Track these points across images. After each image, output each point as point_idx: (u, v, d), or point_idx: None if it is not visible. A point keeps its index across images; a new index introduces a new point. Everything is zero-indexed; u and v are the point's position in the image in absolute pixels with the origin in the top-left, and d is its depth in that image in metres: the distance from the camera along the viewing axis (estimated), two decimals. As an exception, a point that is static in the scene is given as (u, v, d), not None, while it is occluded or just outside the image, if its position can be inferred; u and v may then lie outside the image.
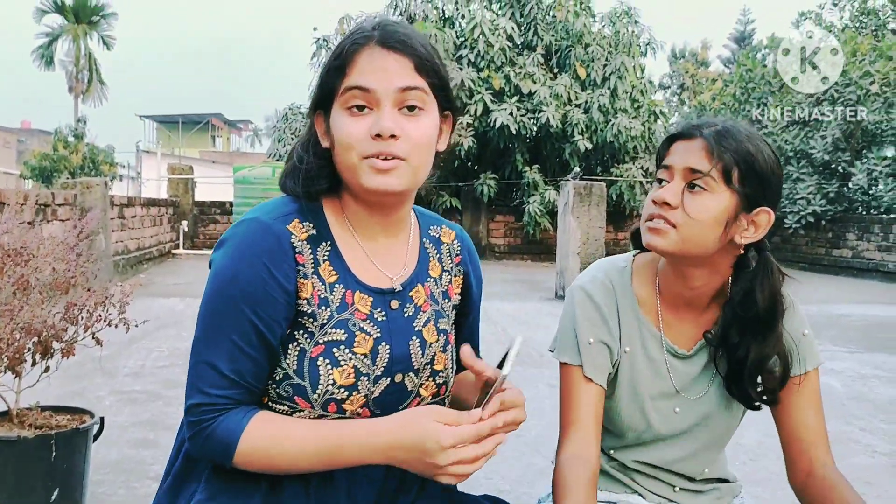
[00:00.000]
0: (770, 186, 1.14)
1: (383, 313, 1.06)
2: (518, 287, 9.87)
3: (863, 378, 4.93)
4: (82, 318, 2.22)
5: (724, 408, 1.25)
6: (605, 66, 14.42)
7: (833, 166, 14.00)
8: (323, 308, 1.01)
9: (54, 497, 2.13)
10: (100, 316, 2.24)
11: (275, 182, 8.49)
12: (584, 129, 13.99)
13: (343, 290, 1.03)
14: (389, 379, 1.05)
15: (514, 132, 13.56)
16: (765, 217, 1.14)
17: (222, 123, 44.26)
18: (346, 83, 0.99)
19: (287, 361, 1.01)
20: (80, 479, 2.23)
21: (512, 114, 13.52)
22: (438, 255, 1.15)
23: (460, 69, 13.68)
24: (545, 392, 4.09)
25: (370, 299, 1.05)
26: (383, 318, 1.05)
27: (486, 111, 13.65)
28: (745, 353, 1.18)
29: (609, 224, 12.33)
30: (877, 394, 4.54)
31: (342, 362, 1.01)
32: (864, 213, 13.66)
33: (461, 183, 14.48)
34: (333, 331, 1.01)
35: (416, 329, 1.08)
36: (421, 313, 1.10)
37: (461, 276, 1.18)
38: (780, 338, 1.19)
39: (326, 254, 1.04)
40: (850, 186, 13.65)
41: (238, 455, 0.95)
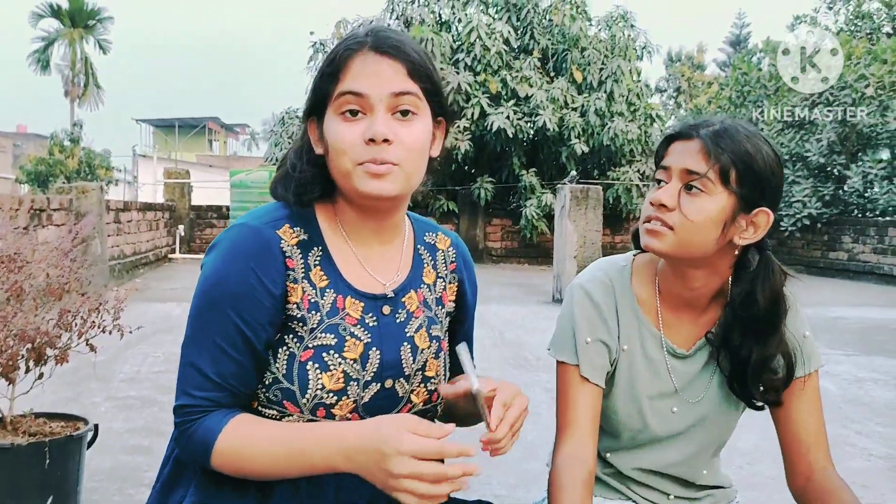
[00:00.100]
0: (769, 187, 1.12)
1: (375, 318, 1.05)
2: (515, 290, 9.87)
3: (859, 381, 4.94)
4: (76, 324, 2.21)
5: (722, 409, 1.24)
6: (602, 69, 14.45)
7: (828, 169, 14.05)
8: (313, 313, 1.01)
9: (48, 504, 2.12)
10: (94, 322, 2.23)
11: (271, 186, 8.43)
12: (581, 133, 14.01)
13: (334, 294, 1.03)
14: (379, 385, 1.04)
15: (511, 136, 13.57)
16: (764, 218, 1.13)
17: (219, 127, 44.19)
18: (339, 88, 1.00)
19: (277, 366, 1.00)
20: (74, 486, 2.22)
21: (509, 117, 13.54)
22: (433, 262, 1.15)
23: (457, 73, 13.69)
24: (541, 396, 4.08)
25: (361, 304, 1.05)
26: (374, 323, 1.05)
27: (483, 115, 13.66)
28: (747, 353, 1.17)
29: (606, 227, 12.29)
30: (873, 397, 4.55)
31: (331, 367, 1.00)
32: (859, 215, 13.70)
33: (458, 186, 14.49)
34: (323, 335, 1.01)
35: (408, 335, 1.08)
36: (413, 319, 1.09)
37: (456, 283, 1.18)
38: (783, 338, 1.17)
39: (318, 259, 1.04)
40: (846, 189, 13.69)
41: (214, 455, 0.95)
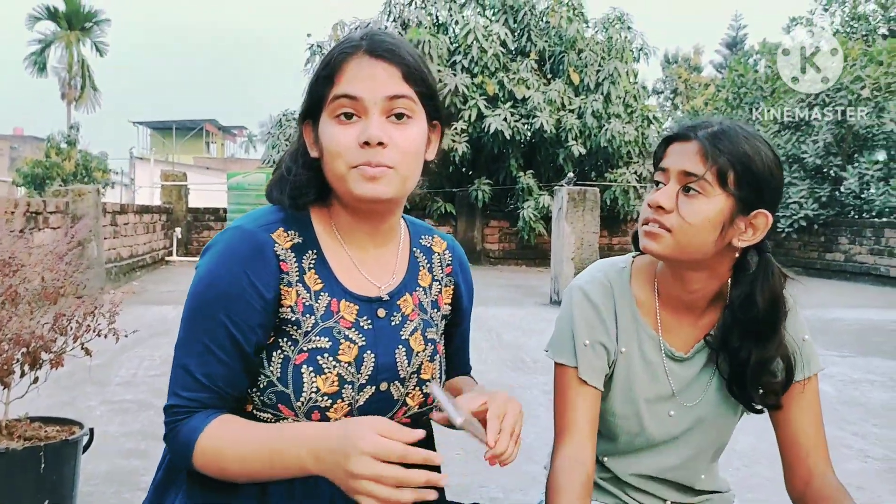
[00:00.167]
0: (768, 188, 1.11)
1: (369, 322, 1.05)
2: (513, 292, 9.87)
3: (855, 382, 4.94)
4: (72, 328, 2.20)
5: (719, 412, 1.23)
6: (599, 71, 14.47)
7: (825, 170, 14.09)
8: (307, 316, 1.01)
9: (43, 509, 2.11)
10: (89, 326, 2.22)
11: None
12: (578, 135, 14.03)
13: (328, 298, 1.03)
14: (374, 387, 1.04)
15: (509, 138, 13.59)
16: (763, 220, 1.12)
17: (216, 129, 44.11)
18: (334, 92, 1.00)
19: (271, 369, 1.00)
20: (69, 490, 2.21)
21: (506, 119, 13.55)
22: (429, 265, 1.15)
23: (454, 75, 13.70)
24: (539, 398, 4.08)
25: (356, 308, 1.04)
26: (369, 326, 1.05)
27: (481, 117, 13.67)
28: (746, 355, 1.16)
29: (603, 229, 12.35)
30: (869, 398, 4.55)
31: (326, 370, 1.00)
32: (855, 216, 13.74)
33: (456, 188, 14.49)
34: (317, 338, 1.01)
35: (403, 338, 1.08)
36: (408, 322, 1.09)
37: (452, 287, 1.18)
38: (783, 341, 1.17)
39: (312, 262, 1.03)
40: (842, 190, 13.73)
41: (196, 454, 0.95)
